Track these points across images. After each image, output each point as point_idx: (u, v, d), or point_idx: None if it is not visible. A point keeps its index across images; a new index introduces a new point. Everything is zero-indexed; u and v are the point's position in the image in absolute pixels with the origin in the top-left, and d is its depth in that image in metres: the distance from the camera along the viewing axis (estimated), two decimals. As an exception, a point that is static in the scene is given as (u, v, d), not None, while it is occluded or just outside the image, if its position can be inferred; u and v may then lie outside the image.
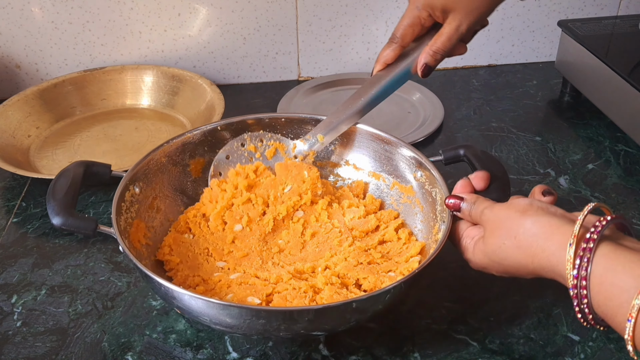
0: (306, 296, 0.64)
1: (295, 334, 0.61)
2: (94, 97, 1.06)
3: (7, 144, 0.93)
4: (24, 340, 0.66)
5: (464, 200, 0.62)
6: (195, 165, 0.79)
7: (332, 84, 1.11)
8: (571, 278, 0.48)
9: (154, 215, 0.73)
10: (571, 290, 0.49)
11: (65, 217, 0.63)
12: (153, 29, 1.08)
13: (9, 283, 0.73)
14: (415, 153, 0.73)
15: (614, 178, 0.89)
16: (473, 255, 0.59)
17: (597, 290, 0.47)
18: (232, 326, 0.58)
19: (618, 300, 0.46)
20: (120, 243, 0.62)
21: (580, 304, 0.49)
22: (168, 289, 0.57)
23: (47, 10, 1.04)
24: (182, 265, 0.69)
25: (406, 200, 0.75)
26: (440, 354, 0.64)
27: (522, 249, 0.53)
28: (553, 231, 0.51)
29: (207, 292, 0.66)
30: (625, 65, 0.94)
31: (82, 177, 0.68)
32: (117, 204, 0.66)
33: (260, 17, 1.08)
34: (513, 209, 0.55)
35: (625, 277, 0.46)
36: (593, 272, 0.47)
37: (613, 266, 0.47)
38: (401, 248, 0.71)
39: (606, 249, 0.48)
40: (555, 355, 0.64)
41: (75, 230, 0.63)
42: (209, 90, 1.02)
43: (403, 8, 1.10)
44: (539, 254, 0.51)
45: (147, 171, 0.73)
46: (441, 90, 1.09)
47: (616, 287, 0.46)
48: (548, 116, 1.05)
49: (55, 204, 0.64)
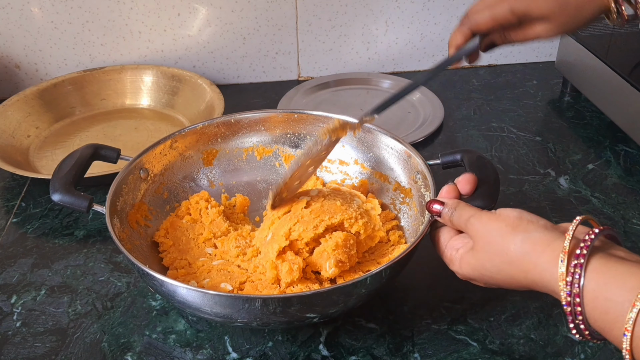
0: (276, 287, 0.65)
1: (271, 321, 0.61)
2: (93, 97, 1.06)
3: (6, 144, 0.93)
4: (23, 340, 0.66)
5: (445, 205, 0.60)
6: (207, 155, 0.80)
7: (332, 84, 1.11)
8: (564, 295, 0.48)
9: (159, 200, 0.76)
10: (565, 307, 0.48)
11: (63, 194, 0.66)
12: (153, 29, 1.08)
13: (9, 283, 0.73)
14: (416, 155, 0.73)
15: (614, 178, 0.89)
16: (460, 268, 0.58)
17: (592, 305, 0.47)
18: (191, 307, 0.60)
19: (613, 315, 0.45)
20: (108, 222, 0.64)
21: (575, 320, 0.48)
22: (136, 265, 0.59)
23: (46, 10, 1.04)
24: (174, 248, 0.72)
25: (404, 203, 0.75)
26: (440, 354, 0.64)
27: (514, 264, 0.52)
28: (544, 248, 0.50)
29: (188, 275, 0.68)
30: (625, 65, 0.94)
31: (89, 158, 0.71)
32: (116, 185, 0.69)
33: (260, 17, 1.08)
34: (503, 223, 0.54)
35: (619, 290, 0.45)
36: (586, 287, 0.47)
37: (605, 280, 0.46)
38: (387, 250, 0.71)
39: (597, 263, 0.47)
40: (556, 355, 0.64)
41: (70, 206, 0.66)
42: (209, 90, 1.02)
43: (403, 8, 1.10)
44: (532, 270, 0.51)
45: (156, 157, 0.76)
46: (441, 90, 1.09)
47: (611, 302, 0.45)
48: (548, 116, 1.05)
49: (56, 181, 0.67)
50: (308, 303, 0.58)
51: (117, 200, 0.69)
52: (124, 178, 0.71)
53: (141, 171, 0.74)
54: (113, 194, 0.68)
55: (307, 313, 0.59)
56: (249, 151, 0.82)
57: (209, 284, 0.67)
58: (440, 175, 0.70)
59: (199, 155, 0.80)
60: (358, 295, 0.60)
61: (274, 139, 0.82)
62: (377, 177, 0.79)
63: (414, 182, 0.74)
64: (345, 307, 0.61)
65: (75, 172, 0.69)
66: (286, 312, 0.58)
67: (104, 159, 0.74)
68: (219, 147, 0.81)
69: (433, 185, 0.68)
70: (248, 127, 0.81)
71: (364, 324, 0.67)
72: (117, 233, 0.64)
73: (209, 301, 0.58)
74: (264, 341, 0.65)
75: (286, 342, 0.65)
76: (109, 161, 0.74)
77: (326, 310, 0.60)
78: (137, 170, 0.73)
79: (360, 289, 0.59)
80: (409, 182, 0.75)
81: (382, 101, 0.70)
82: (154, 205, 0.75)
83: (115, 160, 0.74)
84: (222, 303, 0.57)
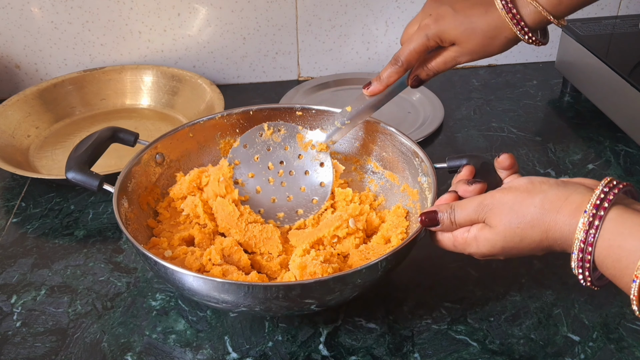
0: None
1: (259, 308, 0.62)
2: (93, 97, 1.06)
3: (6, 144, 0.93)
4: (23, 340, 0.66)
5: (438, 210, 0.60)
6: (225, 146, 0.82)
7: (332, 84, 1.11)
8: (578, 242, 0.50)
9: (173, 184, 0.77)
10: (574, 254, 0.51)
11: (76, 172, 0.69)
12: (153, 29, 1.08)
13: (9, 283, 0.73)
14: (424, 157, 0.72)
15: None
16: (477, 247, 0.58)
17: (605, 253, 0.49)
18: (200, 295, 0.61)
19: (625, 262, 0.48)
20: (114, 201, 0.66)
21: (583, 267, 0.51)
22: (133, 244, 0.61)
23: (46, 10, 1.04)
24: (166, 224, 0.74)
25: (410, 205, 0.75)
26: (440, 354, 0.64)
27: (535, 227, 0.54)
28: (562, 202, 0.53)
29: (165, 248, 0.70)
30: (625, 65, 0.94)
31: (107, 140, 0.74)
32: (129, 167, 0.72)
33: (260, 17, 1.08)
34: (517, 191, 0.55)
35: (632, 239, 0.48)
36: (602, 236, 0.49)
37: (621, 230, 0.49)
38: (385, 249, 0.71)
39: (614, 214, 0.50)
40: (556, 355, 0.64)
41: (82, 184, 0.69)
42: (209, 90, 1.02)
43: (403, 8, 1.10)
44: (552, 228, 0.53)
45: (173, 143, 0.78)
46: (441, 90, 1.09)
47: (623, 250, 0.48)
48: (548, 116, 1.05)
49: (71, 160, 0.71)
50: (307, 290, 0.59)
51: (128, 182, 0.71)
52: (138, 161, 0.73)
53: (157, 155, 0.76)
54: (125, 175, 0.70)
55: (306, 299, 0.60)
56: None
57: (171, 256, 0.69)
58: (440, 176, 0.70)
59: (216, 144, 0.81)
60: (354, 285, 0.60)
61: None
62: (387, 177, 0.79)
63: (419, 184, 0.74)
64: (341, 296, 0.61)
65: (91, 152, 0.72)
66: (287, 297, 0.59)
67: (122, 142, 0.76)
68: (237, 138, 0.81)
69: (435, 187, 0.68)
70: (267, 119, 0.81)
71: (364, 324, 0.67)
72: (124, 213, 0.67)
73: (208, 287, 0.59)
74: (264, 341, 0.65)
75: (286, 342, 0.65)
76: (126, 144, 0.77)
77: (324, 298, 0.61)
78: (152, 155, 0.76)
79: (356, 279, 0.60)
80: (415, 183, 0.75)
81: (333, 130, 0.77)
82: (166, 190, 0.77)
83: (133, 144, 0.77)
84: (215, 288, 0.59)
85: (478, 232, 0.58)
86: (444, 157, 0.71)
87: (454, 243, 0.60)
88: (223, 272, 0.66)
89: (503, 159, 0.61)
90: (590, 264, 0.51)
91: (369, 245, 0.71)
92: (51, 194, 0.87)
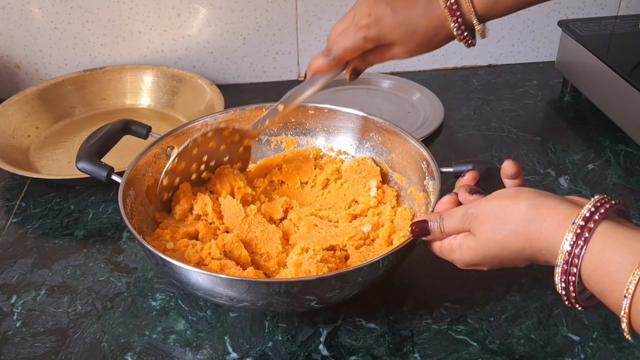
0: None
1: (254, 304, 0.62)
2: (93, 97, 1.06)
3: (6, 144, 0.93)
4: (23, 340, 0.66)
5: (428, 220, 0.59)
6: None
7: (332, 84, 1.10)
8: (562, 255, 0.48)
9: (182, 178, 0.77)
10: (558, 267, 0.48)
11: (86, 162, 0.71)
12: (153, 29, 1.08)
13: (9, 283, 0.73)
14: (431, 161, 0.72)
15: (614, 178, 0.89)
16: (461, 254, 0.57)
17: (593, 267, 0.47)
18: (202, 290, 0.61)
19: (615, 277, 0.45)
20: (120, 192, 0.67)
21: (567, 280, 0.48)
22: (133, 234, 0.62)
23: (46, 10, 1.04)
24: (172, 219, 0.74)
25: (416, 208, 0.75)
26: (440, 354, 0.64)
27: (519, 235, 0.52)
28: (549, 212, 0.50)
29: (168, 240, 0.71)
30: (625, 65, 0.94)
31: (119, 132, 0.76)
32: (139, 159, 0.72)
33: (260, 17, 1.08)
34: (502, 198, 0.54)
35: (623, 253, 0.45)
36: (590, 249, 0.47)
37: (611, 243, 0.46)
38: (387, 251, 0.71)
39: (604, 227, 0.47)
40: (556, 355, 0.64)
41: (91, 174, 0.71)
42: (209, 90, 1.02)
43: (403, 8, 1.10)
44: (537, 237, 0.51)
45: (185, 138, 0.77)
46: (441, 90, 1.09)
47: (613, 264, 0.45)
48: (548, 116, 1.05)
49: (82, 150, 0.72)
50: (308, 286, 0.59)
51: (137, 173, 0.72)
52: (149, 154, 0.74)
53: (168, 149, 0.77)
54: (133, 167, 0.71)
55: (306, 295, 0.60)
56: (277, 140, 0.85)
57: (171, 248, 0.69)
58: (443, 179, 0.70)
59: None
60: (355, 282, 0.60)
61: (303, 132, 0.85)
62: (396, 179, 0.79)
63: (425, 187, 0.74)
64: (342, 294, 0.61)
65: (102, 143, 0.73)
66: (288, 293, 0.59)
67: (134, 134, 0.77)
68: None
69: (439, 192, 0.68)
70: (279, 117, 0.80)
71: (364, 324, 0.67)
72: (129, 204, 0.68)
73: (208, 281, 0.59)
74: (264, 341, 0.65)
75: (286, 342, 0.65)
76: (138, 136, 0.78)
77: (324, 295, 0.61)
78: (163, 148, 0.76)
79: (357, 277, 0.60)
80: (421, 187, 0.75)
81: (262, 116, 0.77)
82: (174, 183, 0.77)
83: (145, 137, 0.78)
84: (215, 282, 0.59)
85: (462, 239, 0.57)
86: (444, 157, 0.71)
87: (440, 249, 0.60)
88: (221, 266, 0.66)
89: (506, 165, 0.59)
90: (576, 277, 0.47)
91: (370, 247, 0.71)
92: (51, 194, 0.87)
